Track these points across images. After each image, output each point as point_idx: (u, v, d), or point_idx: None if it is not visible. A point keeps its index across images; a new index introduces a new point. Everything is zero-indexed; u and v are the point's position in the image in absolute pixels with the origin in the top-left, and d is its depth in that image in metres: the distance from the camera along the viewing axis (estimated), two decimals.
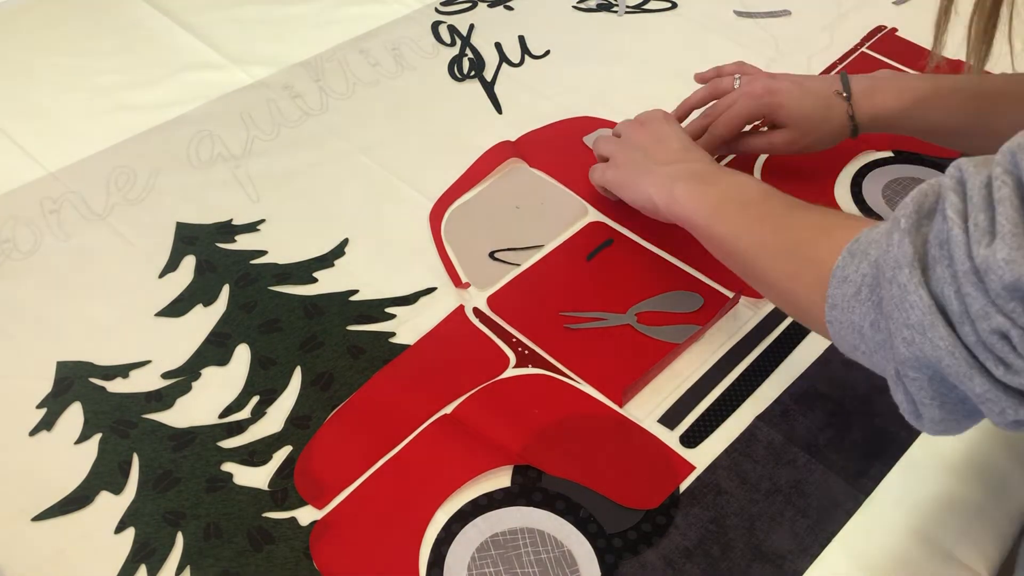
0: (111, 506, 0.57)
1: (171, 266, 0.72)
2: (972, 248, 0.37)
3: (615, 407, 0.61)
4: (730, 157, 0.78)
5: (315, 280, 0.70)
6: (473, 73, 0.91)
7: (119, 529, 0.55)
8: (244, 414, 0.61)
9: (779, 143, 0.73)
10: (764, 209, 0.57)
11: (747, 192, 0.59)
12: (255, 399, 0.62)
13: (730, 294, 0.67)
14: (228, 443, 0.60)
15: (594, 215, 0.74)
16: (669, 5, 1.00)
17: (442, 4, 1.01)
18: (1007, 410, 0.38)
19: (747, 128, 0.75)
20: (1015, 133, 0.58)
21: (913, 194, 0.41)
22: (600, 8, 1.00)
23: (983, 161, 0.39)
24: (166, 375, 0.64)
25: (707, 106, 0.76)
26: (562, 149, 0.81)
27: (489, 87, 0.89)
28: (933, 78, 0.69)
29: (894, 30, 0.95)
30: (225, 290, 0.69)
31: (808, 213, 0.54)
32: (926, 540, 0.54)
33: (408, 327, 0.66)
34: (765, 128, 0.75)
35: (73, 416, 0.61)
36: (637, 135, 0.70)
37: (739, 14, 0.98)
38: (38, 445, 0.60)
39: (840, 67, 0.89)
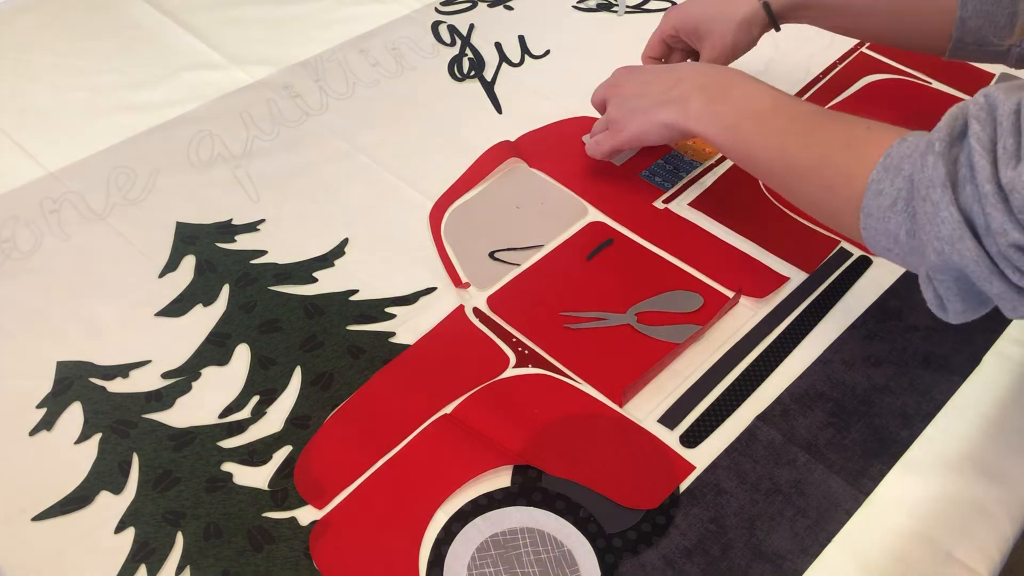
0: (111, 506, 0.57)
1: (171, 266, 0.72)
2: (1000, 170, 0.43)
3: (615, 407, 0.61)
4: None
5: (315, 280, 0.70)
6: (473, 73, 0.91)
7: (119, 529, 0.55)
8: (244, 414, 0.61)
9: (709, 56, 0.76)
10: (782, 122, 0.59)
11: (759, 103, 0.61)
12: (255, 399, 0.62)
13: (730, 294, 0.67)
14: (228, 443, 0.60)
15: (594, 215, 0.74)
16: (669, 5, 1.00)
17: (442, 4, 1.01)
18: (1019, 307, 0.46)
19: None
20: (911, 9, 0.69)
21: (945, 118, 0.47)
22: (600, 8, 1.00)
23: (1013, 87, 0.44)
24: (166, 375, 0.64)
25: None
26: (562, 149, 0.81)
27: (489, 87, 0.89)
28: None
29: None
30: (225, 290, 0.69)
31: (828, 122, 0.57)
32: (926, 540, 0.54)
33: (408, 327, 0.66)
34: None
35: (73, 416, 0.62)
36: (622, 90, 0.71)
37: None
38: (38, 445, 0.60)
39: (840, 67, 0.89)
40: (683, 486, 0.57)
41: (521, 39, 0.96)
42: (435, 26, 0.98)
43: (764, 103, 0.61)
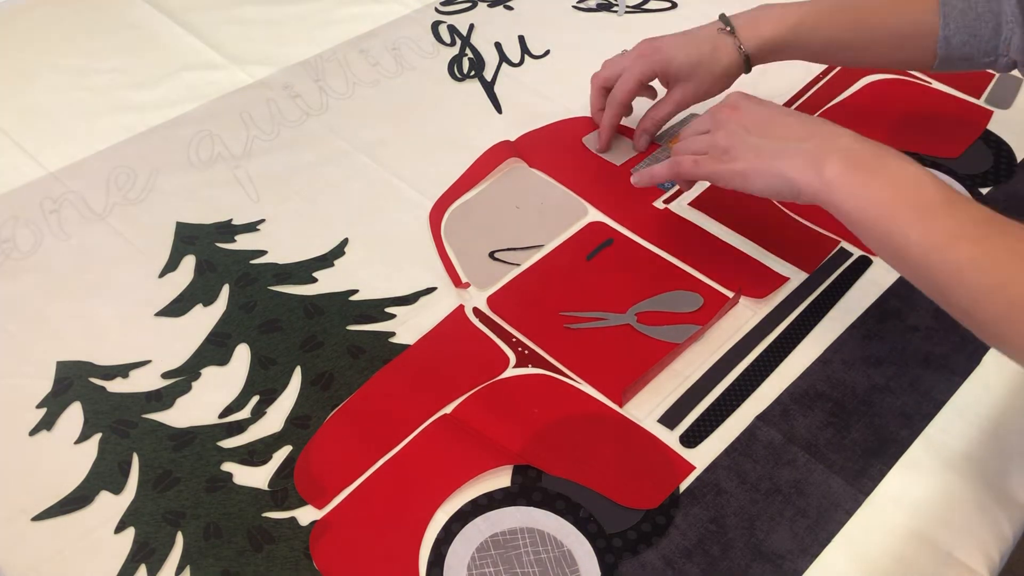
0: (111, 506, 0.57)
1: (171, 266, 0.72)
2: None
3: (615, 407, 0.61)
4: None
5: (315, 280, 0.70)
6: (473, 73, 0.91)
7: (119, 529, 0.56)
8: (244, 414, 0.61)
9: (680, 98, 0.75)
10: (952, 223, 0.51)
11: (923, 193, 0.52)
12: (255, 399, 0.62)
13: (730, 294, 0.67)
14: (228, 443, 0.60)
15: (594, 215, 0.74)
16: (669, 5, 1.00)
17: (442, 4, 1.01)
18: None
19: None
20: (892, 41, 0.71)
21: None
22: (600, 8, 1.00)
23: None
24: (166, 375, 0.64)
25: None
26: (562, 149, 0.81)
27: (489, 87, 0.89)
28: (813, 2, 0.72)
29: None
30: (225, 290, 0.69)
31: (1008, 239, 0.50)
32: (926, 540, 0.54)
33: (408, 327, 0.66)
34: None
35: (73, 416, 0.62)
36: (738, 118, 0.62)
37: None
38: (38, 445, 0.60)
39: (837, 68, 0.89)
40: (683, 486, 0.57)
41: (521, 39, 0.96)
42: (435, 26, 0.98)
43: (930, 194, 0.52)
